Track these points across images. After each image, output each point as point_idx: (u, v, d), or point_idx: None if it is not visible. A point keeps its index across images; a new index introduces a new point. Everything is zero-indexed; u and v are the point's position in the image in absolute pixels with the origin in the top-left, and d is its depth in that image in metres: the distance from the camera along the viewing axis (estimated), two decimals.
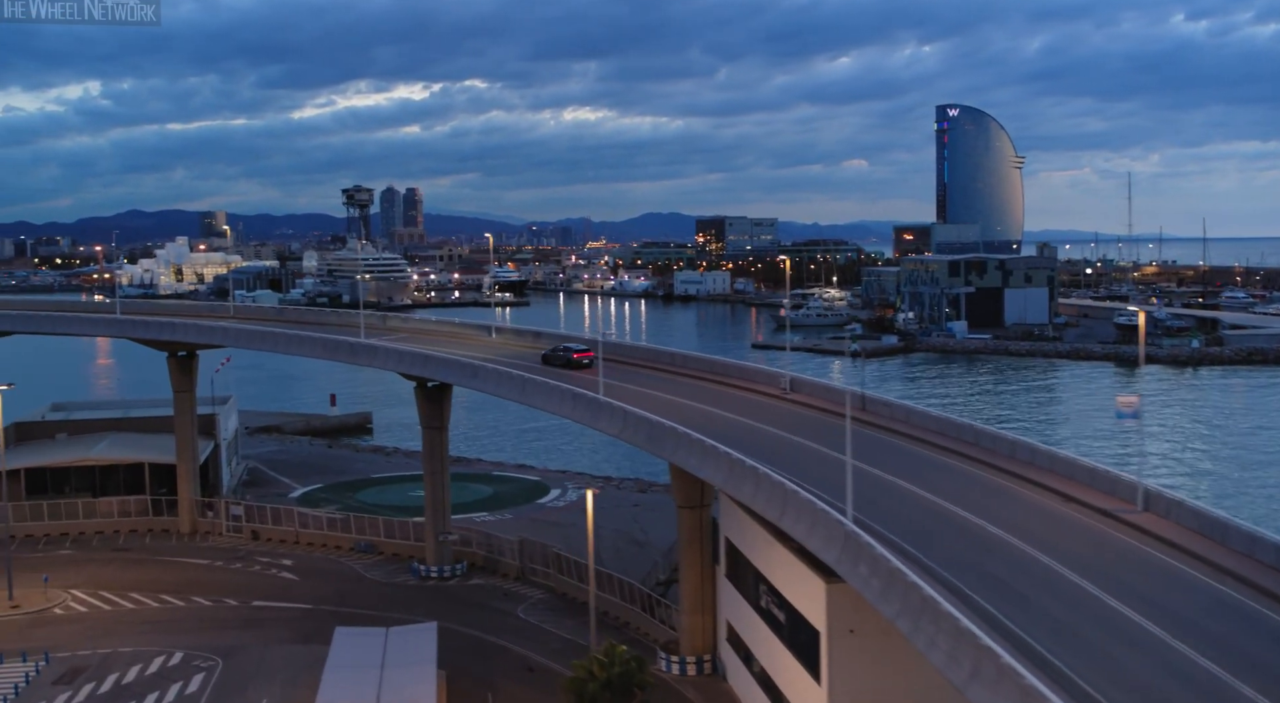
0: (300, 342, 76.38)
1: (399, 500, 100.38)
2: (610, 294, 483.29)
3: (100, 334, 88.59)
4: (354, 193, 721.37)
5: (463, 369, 65.96)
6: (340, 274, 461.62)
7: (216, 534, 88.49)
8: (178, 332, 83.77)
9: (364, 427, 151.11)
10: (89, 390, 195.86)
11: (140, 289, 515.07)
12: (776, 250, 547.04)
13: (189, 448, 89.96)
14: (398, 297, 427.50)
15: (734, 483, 45.93)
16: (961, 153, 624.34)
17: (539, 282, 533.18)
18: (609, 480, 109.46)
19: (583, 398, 57.33)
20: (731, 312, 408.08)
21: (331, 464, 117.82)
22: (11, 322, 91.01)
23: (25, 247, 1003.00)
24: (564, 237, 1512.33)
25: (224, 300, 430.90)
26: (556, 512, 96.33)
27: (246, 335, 79.94)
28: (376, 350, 72.59)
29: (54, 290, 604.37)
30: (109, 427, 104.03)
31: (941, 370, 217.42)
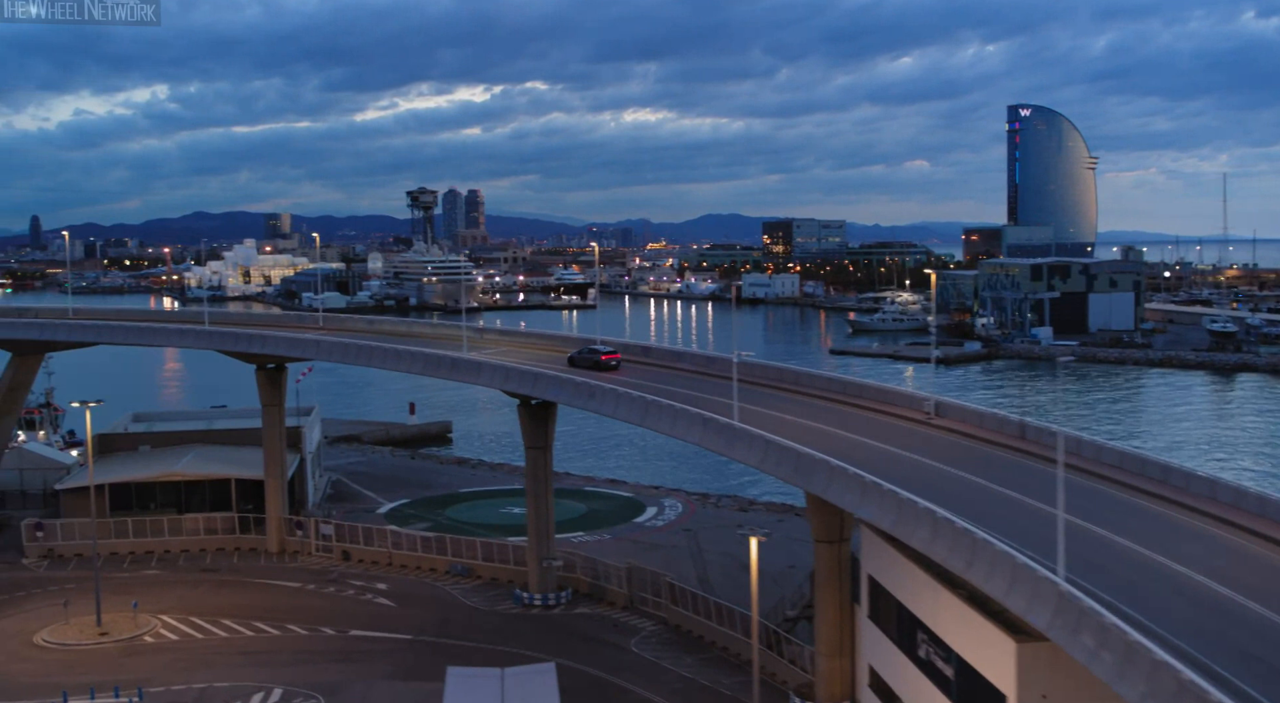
0: (398, 356, 72.59)
1: (490, 518, 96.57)
2: (676, 297, 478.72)
3: (188, 346, 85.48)
4: (418, 195, 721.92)
5: (577, 389, 61.77)
6: (407, 277, 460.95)
7: (306, 554, 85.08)
8: (268, 345, 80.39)
9: (444, 436, 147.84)
10: (157, 397, 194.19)
11: (208, 291, 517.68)
12: (844, 253, 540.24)
13: (278, 464, 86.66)
14: (464, 299, 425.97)
15: (905, 526, 41.31)
16: (1033, 153, 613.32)
17: (604, 284, 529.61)
18: (705, 498, 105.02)
19: (715, 423, 52.89)
20: (800, 315, 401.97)
21: (416, 477, 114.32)
22: (97, 332, 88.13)
23: (95, 248, 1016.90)
24: (624, 238, 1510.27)
25: (291, 302, 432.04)
26: (656, 532, 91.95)
27: (340, 349, 76.29)
28: (481, 367, 68.62)
29: (124, 292, 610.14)
30: (192, 439, 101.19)
31: (1026, 378, 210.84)
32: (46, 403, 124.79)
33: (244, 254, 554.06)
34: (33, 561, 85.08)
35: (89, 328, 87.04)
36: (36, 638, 67.81)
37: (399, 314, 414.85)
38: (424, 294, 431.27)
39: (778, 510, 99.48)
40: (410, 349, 72.70)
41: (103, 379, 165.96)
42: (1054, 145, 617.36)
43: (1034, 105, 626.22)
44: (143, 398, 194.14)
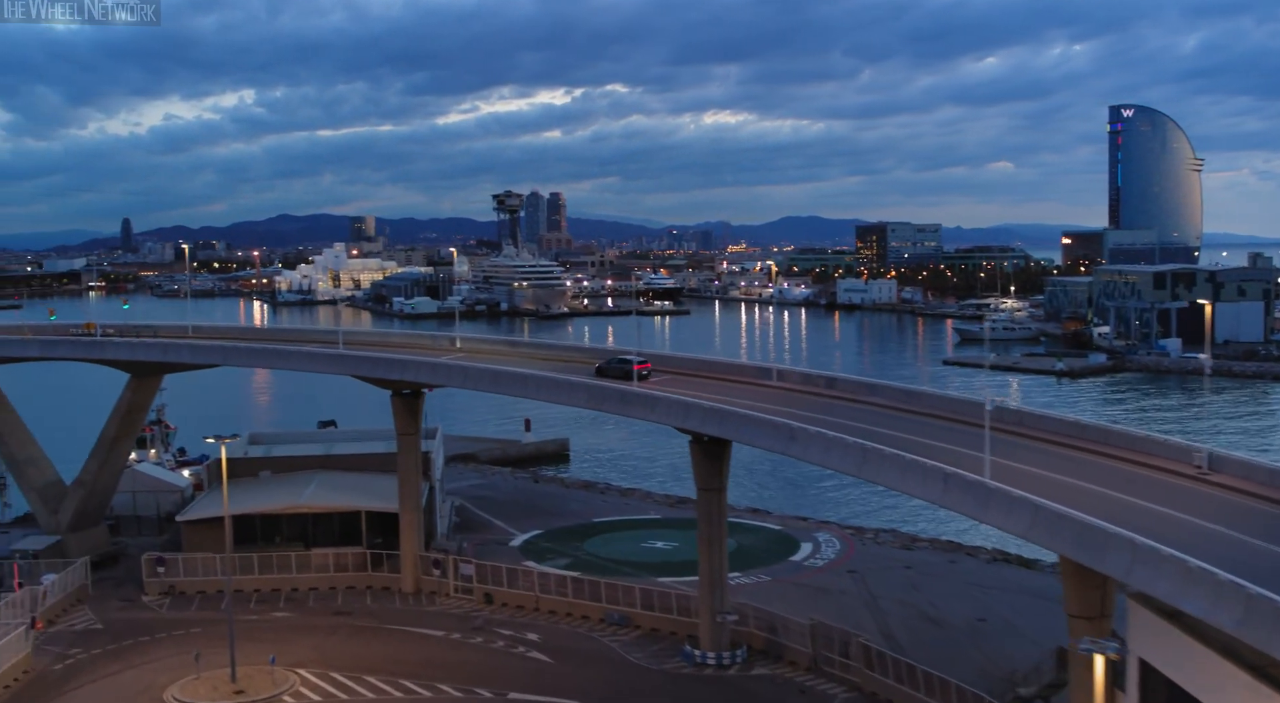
0: (557, 387, 65.54)
1: (633, 553, 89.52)
2: (769, 302, 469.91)
3: (320, 370, 79.42)
4: (504, 198, 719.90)
5: (775, 430, 54.17)
6: (496, 281, 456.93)
7: (444, 595, 78.54)
8: (408, 370, 73.92)
9: (561, 454, 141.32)
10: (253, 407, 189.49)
11: (298, 295, 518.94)
12: (939, 257, 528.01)
13: (413, 497, 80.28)
14: (554, 304, 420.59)
15: (1250, 626, 33.27)
16: (1136, 155, 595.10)
17: (693, 288, 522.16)
18: (860, 532, 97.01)
19: (960, 480, 45.03)
20: (898, 322, 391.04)
21: (543, 503, 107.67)
22: (224, 355, 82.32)
23: (185, 251, 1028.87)
24: (704, 240, 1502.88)
25: (382, 307, 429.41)
26: (817, 574, 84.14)
27: (490, 376, 69.46)
28: (656, 402, 61.37)
29: (214, 295, 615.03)
30: (313, 465, 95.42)
31: (1157, 392, 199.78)
32: (158, 420, 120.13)
33: (333, 258, 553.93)
34: (153, 598, 79.53)
35: (214, 350, 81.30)
36: (167, 695, 61.78)
37: (489, 320, 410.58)
38: (514, 299, 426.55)
39: (945, 548, 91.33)
40: (572, 380, 65.63)
41: (202, 390, 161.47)
42: (1157, 146, 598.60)
43: (1137, 105, 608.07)
44: (241, 409, 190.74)
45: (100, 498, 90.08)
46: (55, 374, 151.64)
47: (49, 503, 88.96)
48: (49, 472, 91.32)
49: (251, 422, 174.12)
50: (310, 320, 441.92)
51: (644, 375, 70.89)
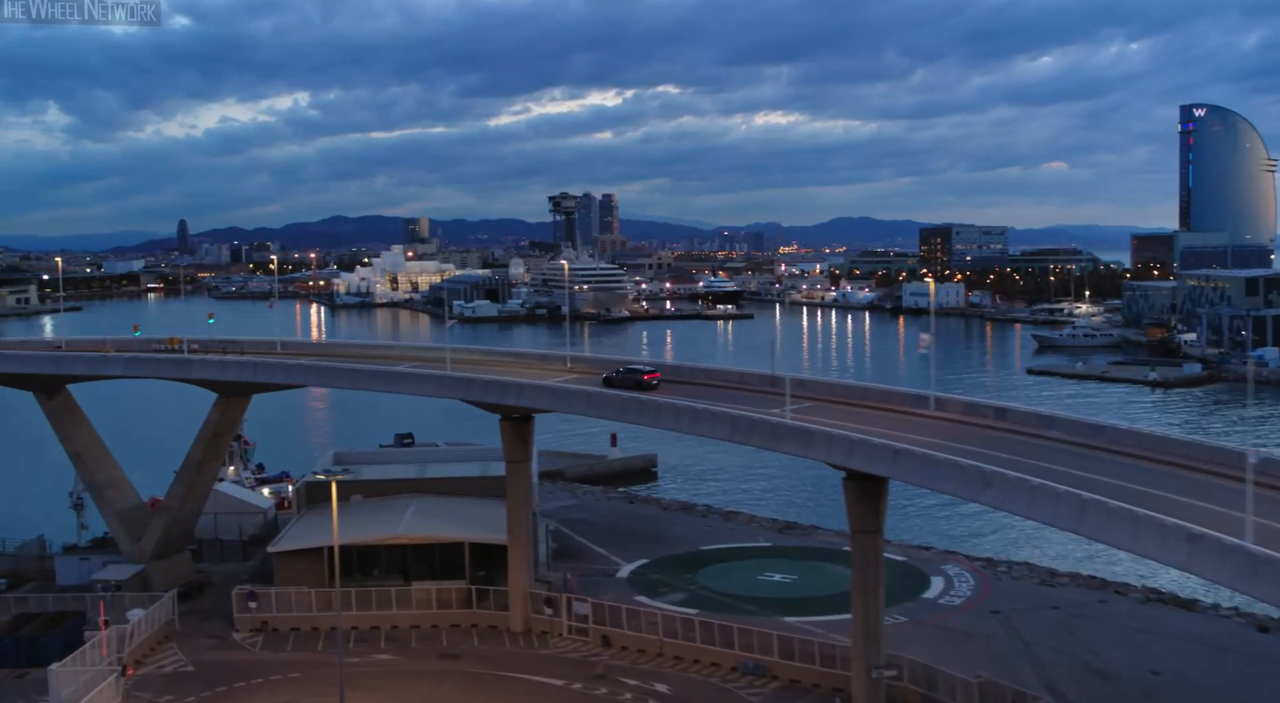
0: (696, 417, 59.22)
1: (750, 587, 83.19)
2: (831, 306, 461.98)
3: (427, 394, 73.69)
4: (560, 200, 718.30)
5: (962, 474, 47.59)
6: (556, 284, 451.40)
7: (557, 636, 72.60)
8: (525, 396, 67.93)
9: (648, 471, 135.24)
10: (322, 424, 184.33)
11: (356, 298, 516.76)
12: (1005, 260, 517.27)
13: (523, 529, 74.39)
14: (615, 308, 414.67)
15: None
16: (1208, 155, 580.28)
17: (753, 292, 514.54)
18: (991, 564, 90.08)
19: (1211, 543, 38.32)
20: (966, 327, 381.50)
21: (642, 527, 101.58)
22: (320, 375, 76.54)
23: (241, 252, 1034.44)
24: (756, 241, 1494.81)
25: (440, 309, 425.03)
26: (956, 614, 77.42)
27: (617, 405, 63.27)
28: (812, 436, 54.96)
29: (270, 297, 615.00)
30: (405, 489, 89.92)
31: (1262, 405, 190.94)
32: (236, 435, 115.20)
33: (391, 260, 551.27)
34: (245, 635, 74.21)
35: (310, 370, 75.70)
36: None
37: (550, 324, 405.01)
38: (575, 303, 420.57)
39: (1090, 585, 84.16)
40: (713, 409, 59.30)
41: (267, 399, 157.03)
42: (1230, 146, 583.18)
43: (1209, 104, 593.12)
44: (310, 420, 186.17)
45: (186, 524, 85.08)
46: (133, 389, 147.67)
47: (131, 529, 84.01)
48: (131, 495, 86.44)
49: (322, 433, 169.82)
50: (369, 324, 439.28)
51: (653, 385, 69.74)
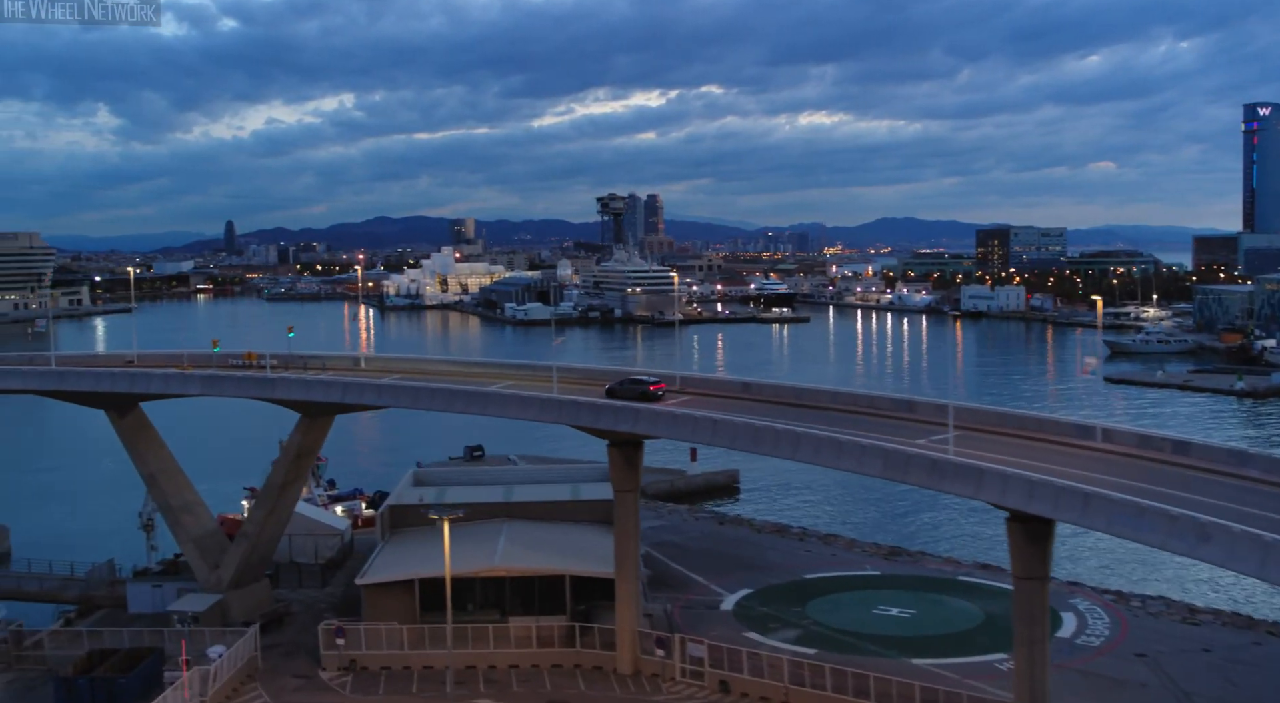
0: (841, 451, 53.27)
1: (866, 623, 77.19)
2: (887, 309, 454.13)
3: (532, 418, 68.53)
4: (608, 201, 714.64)
5: (1173, 526, 41.69)
6: (608, 287, 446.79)
7: (669, 680, 67.03)
8: (641, 422, 62.40)
9: (731, 487, 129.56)
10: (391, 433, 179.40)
11: (406, 299, 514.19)
12: (1062, 262, 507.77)
13: (632, 563, 68.99)
14: (668, 311, 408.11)
15: None
16: (1274, 154, 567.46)
17: (806, 294, 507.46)
18: (1123, 598, 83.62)
19: None
20: (1028, 331, 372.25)
21: (738, 551, 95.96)
22: (414, 397, 70.77)
23: (288, 253, 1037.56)
24: (800, 242, 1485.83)
25: (492, 312, 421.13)
26: (1098, 658, 71.02)
27: (750, 433, 57.31)
28: (983, 475, 49.04)
29: (319, 299, 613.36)
30: (493, 512, 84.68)
31: None
32: None
33: (441, 262, 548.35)
34: (332, 674, 69.15)
35: (402, 390, 70.20)
36: None
37: (603, 327, 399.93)
38: (627, 306, 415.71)
39: (1236, 623, 77.56)
40: (861, 442, 53.46)
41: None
42: None
43: (1274, 103, 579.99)
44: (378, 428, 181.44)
45: (265, 551, 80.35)
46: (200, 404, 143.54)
47: (208, 555, 79.26)
48: (206, 519, 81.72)
49: (389, 445, 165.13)
50: (419, 326, 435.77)
51: (658, 396, 67.82)
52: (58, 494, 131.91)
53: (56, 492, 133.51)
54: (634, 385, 69.44)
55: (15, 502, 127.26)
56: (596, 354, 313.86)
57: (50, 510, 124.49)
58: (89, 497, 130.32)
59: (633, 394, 68.46)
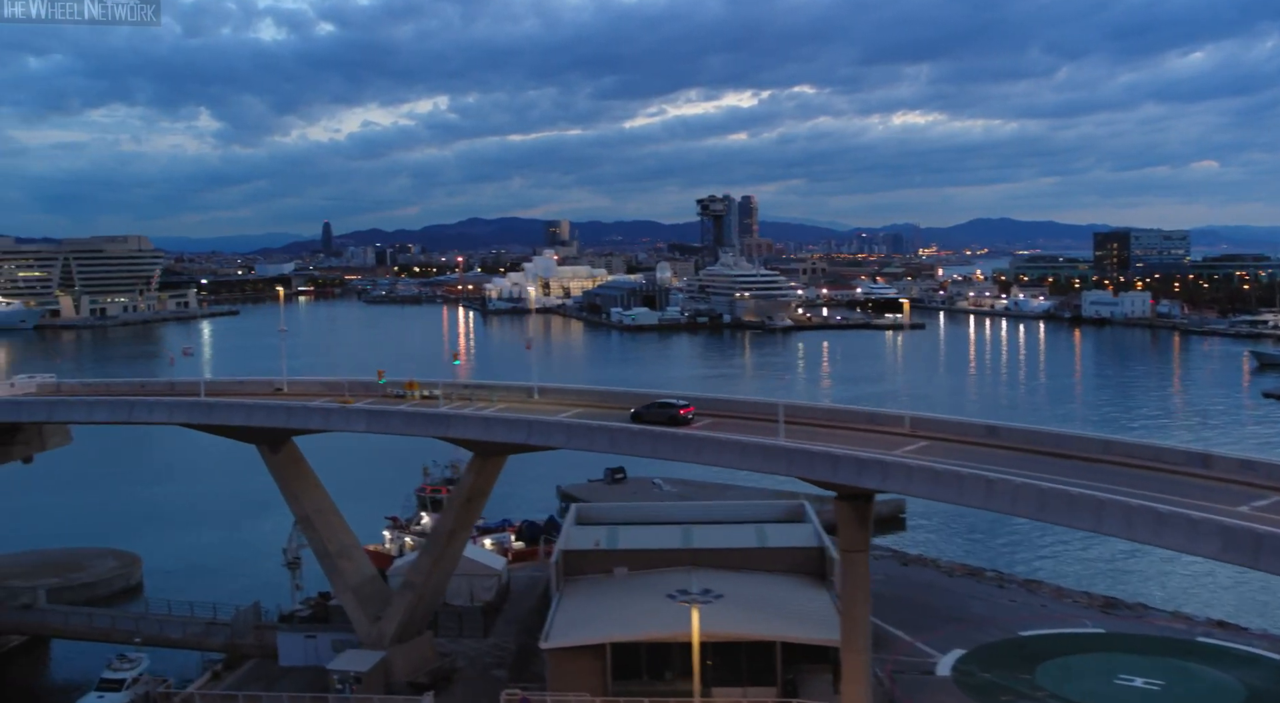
0: (1191, 529, 43.58)
1: (1111, 697, 67.42)
2: (1001, 315, 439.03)
3: (755, 468, 60.03)
4: (708, 202, 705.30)
5: None
6: (714, 291, 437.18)
7: None
8: (891, 477, 53.24)
9: (897, 517, 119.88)
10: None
11: (508, 303, 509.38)
12: (1184, 267, 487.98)
13: (862, 634, 59.86)
14: (778, 316, 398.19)
15: None
16: None
17: (915, 298, 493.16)
18: None
19: None
20: (1154, 339, 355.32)
21: (935, 599, 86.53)
22: (610, 439, 62.15)
23: (385, 255, 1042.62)
24: (894, 243, 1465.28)
25: (597, 316, 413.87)
26: None
27: (1034, 497, 47.92)
28: (1262, 541, 39.50)
29: (419, 301, 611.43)
30: (675, 560, 76.35)
31: None
32: (453, 478, 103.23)
33: (543, 265, 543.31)
34: None
35: (598, 432, 61.27)
36: None
37: (711, 332, 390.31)
38: (735, 310, 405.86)
39: None
40: (1191, 514, 43.85)
41: None
42: None
43: None
44: None
45: (431, 602, 72.80)
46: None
47: (368, 606, 71.77)
48: (365, 566, 74.31)
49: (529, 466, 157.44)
50: (521, 330, 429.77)
51: (688, 420, 64.97)
52: (187, 519, 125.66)
53: (186, 515, 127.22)
54: (661, 409, 65.48)
55: (142, 526, 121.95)
56: (704, 362, 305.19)
57: (180, 537, 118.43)
58: (221, 521, 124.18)
59: (661, 418, 64.68)
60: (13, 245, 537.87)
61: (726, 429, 62.10)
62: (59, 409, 74.47)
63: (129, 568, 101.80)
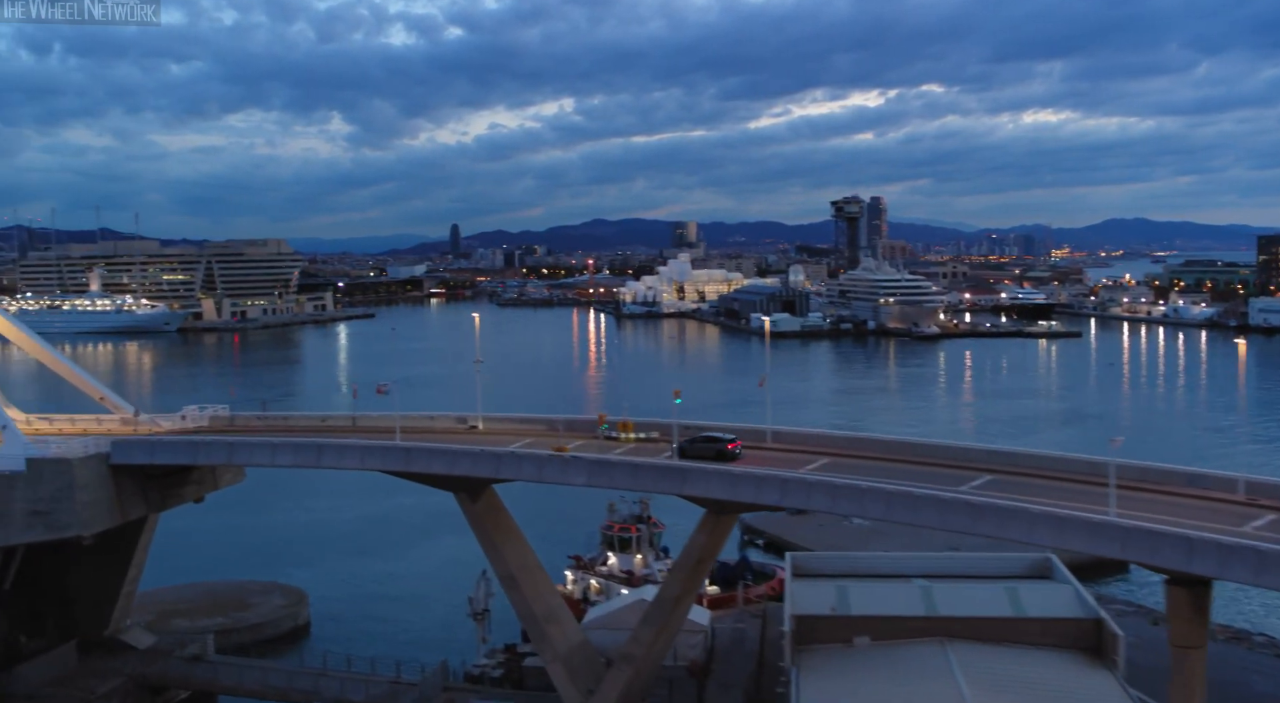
0: None
1: None
2: (1159, 322, 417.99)
3: (1077, 547, 49.74)
4: (842, 204, 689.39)
5: None
6: (854, 296, 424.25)
7: None
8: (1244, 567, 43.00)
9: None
10: None
11: (643, 307, 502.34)
12: None
13: None
14: (924, 323, 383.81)
15: None
16: None
17: (1064, 304, 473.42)
18: None
19: None
20: None
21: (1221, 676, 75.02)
22: (885, 504, 52.92)
23: (513, 257, 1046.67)
24: (1025, 244, 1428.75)
25: (736, 322, 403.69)
26: None
27: None
28: None
29: (552, 304, 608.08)
30: (920, 630, 66.22)
31: None
32: (641, 516, 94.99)
33: (678, 268, 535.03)
34: None
35: (871, 496, 51.66)
36: None
37: (855, 340, 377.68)
38: (879, 317, 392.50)
39: None
40: None
41: None
42: None
43: None
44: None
45: (649, 675, 64.03)
46: None
47: (579, 679, 63.37)
48: (574, 633, 65.99)
49: None
50: (656, 335, 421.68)
51: (736, 455, 61.51)
52: (351, 546, 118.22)
53: (349, 542, 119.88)
54: (708, 444, 61.92)
55: (304, 553, 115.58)
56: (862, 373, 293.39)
57: (345, 567, 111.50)
58: (388, 550, 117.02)
59: (707, 454, 61.04)
60: (157, 249, 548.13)
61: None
62: (239, 451, 67.57)
63: (296, 607, 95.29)
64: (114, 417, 78.80)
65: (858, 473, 57.63)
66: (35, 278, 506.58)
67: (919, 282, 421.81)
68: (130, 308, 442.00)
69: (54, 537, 66.14)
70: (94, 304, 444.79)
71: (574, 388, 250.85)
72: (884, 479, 54.04)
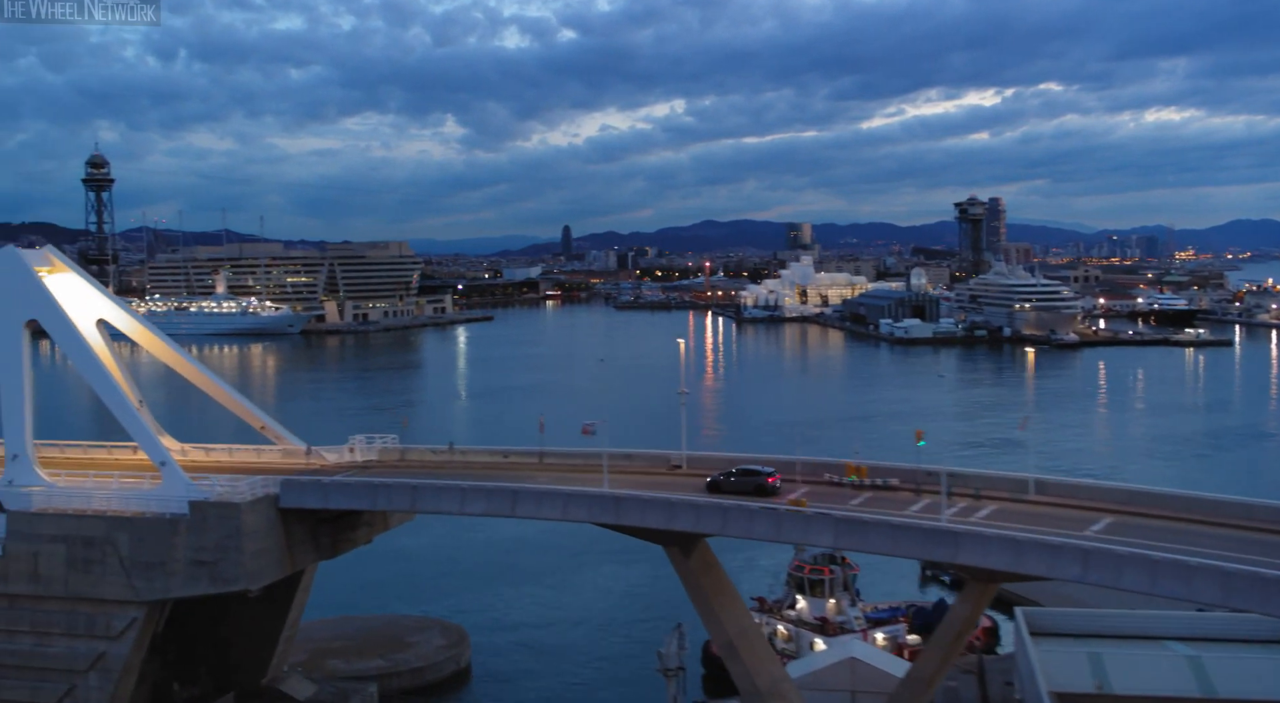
0: None
1: None
2: None
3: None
4: (966, 206, 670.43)
5: None
6: (987, 301, 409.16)
7: None
8: None
9: None
10: None
11: (764, 311, 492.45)
12: None
13: None
14: (1061, 330, 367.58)
15: None
16: None
17: (1206, 310, 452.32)
18: None
19: None
20: None
21: None
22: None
23: (625, 258, 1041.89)
24: (1148, 246, 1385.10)
25: (864, 328, 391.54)
26: None
27: None
28: None
29: (670, 308, 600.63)
30: None
31: None
32: (834, 556, 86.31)
33: (800, 272, 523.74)
34: None
35: (1211, 576, 42.93)
36: None
37: (990, 347, 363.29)
38: (1014, 323, 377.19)
39: None
40: None
41: None
42: None
43: None
44: None
45: None
46: None
47: None
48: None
49: None
50: (778, 340, 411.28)
51: (775, 489, 58.73)
52: (508, 575, 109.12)
53: (504, 569, 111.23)
54: (747, 478, 59.07)
55: (457, 581, 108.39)
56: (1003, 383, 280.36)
57: (500, 597, 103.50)
58: (543, 576, 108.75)
59: (746, 488, 58.60)
60: (281, 251, 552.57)
61: None
62: (425, 496, 60.37)
63: (457, 648, 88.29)
64: (275, 448, 72.53)
65: (1156, 537, 48.52)
66: (163, 280, 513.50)
67: (1054, 286, 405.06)
68: (255, 310, 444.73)
69: (219, 591, 59.86)
70: (220, 306, 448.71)
71: (714, 400, 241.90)
72: (1217, 553, 44.71)
